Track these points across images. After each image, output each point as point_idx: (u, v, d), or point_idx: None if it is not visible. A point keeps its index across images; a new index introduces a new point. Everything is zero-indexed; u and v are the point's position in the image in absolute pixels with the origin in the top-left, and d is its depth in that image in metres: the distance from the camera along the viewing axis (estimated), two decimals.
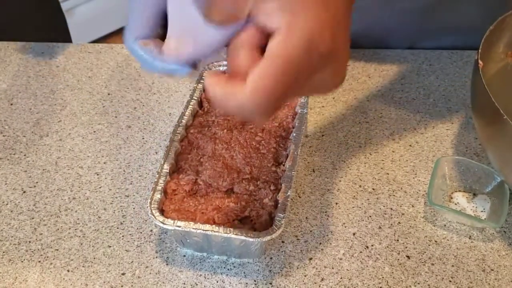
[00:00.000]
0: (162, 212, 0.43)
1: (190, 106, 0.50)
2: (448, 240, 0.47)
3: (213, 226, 0.41)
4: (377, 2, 0.62)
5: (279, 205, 0.43)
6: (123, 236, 0.48)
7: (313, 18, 0.28)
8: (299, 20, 0.28)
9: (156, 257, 0.46)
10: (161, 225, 0.41)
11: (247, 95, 0.29)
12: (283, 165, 0.47)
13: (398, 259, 0.46)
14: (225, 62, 0.55)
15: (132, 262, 0.46)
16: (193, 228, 0.41)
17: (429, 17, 0.63)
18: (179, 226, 0.41)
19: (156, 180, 0.44)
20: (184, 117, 0.49)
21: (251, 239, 0.40)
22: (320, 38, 0.29)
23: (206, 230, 0.41)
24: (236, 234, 0.40)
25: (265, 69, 0.28)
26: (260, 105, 0.29)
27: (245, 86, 0.29)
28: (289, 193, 0.43)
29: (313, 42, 0.28)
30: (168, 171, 0.45)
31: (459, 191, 0.50)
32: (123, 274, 0.45)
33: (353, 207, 0.50)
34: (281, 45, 0.28)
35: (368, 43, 0.66)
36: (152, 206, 0.42)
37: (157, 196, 0.43)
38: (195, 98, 0.51)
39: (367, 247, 0.47)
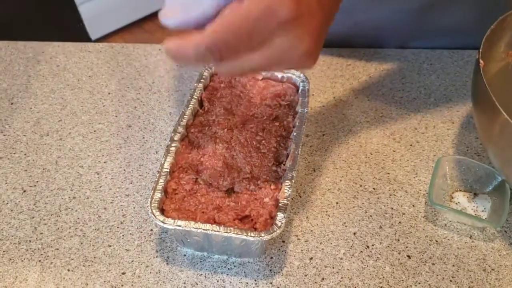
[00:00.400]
0: (162, 211, 0.43)
1: (190, 105, 0.50)
2: (449, 239, 0.47)
3: (214, 225, 0.41)
4: (372, 1, 0.62)
5: (279, 204, 0.43)
6: (123, 235, 0.48)
7: None
8: None
9: (157, 257, 0.46)
10: (162, 224, 0.41)
11: (204, 35, 0.33)
12: (284, 164, 0.47)
13: (399, 259, 0.46)
14: None
15: (132, 261, 0.46)
16: (194, 228, 0.41)
17: (423, 17, 0.63)
18: (180, 226, 0.41)
19: (156, 179, 0.44)
20: (185, 116, 0.49)
21: (251, 239, 0.40)
22: (280, 6, 0.32)
23: (206, 230, 0.41)
24: (236, 234, 0.40)
25: (224, 20, 0.33)
26: (214, 46, 0.33)
27: (204, 31, 0.33)
28: (289, 192, 0.43)
29: (272, 8, 0.32)
30: (168, 170, 0.45)
31: (460, 190, 0.50)
32: (123, 273, 0.45)
33: (353, 207, 0.50)
34: (244, 5, 0.32)
35: (362, 43, 0.66)
36: (153, 205, 0.42)
37: (158, 195, 0.43)
38: (196, 97, 0.51)
39: (368, 246, 0.47)
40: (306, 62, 0.35)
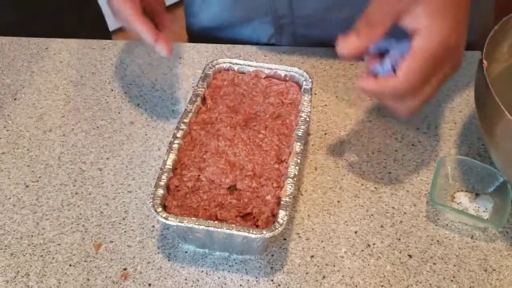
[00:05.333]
0: (164, 208, 0.43)
1: (193, 103, 0.50)
2: (450, 239, 0.47)
3: (216, 222, 0.41)
4: None
5: (281, 202, 0.43)
6: (125, 231, 0.48)
7: (445, 24, 0.39)
8: (436, 25, 0.39)
9: (158, 253, 0.46)
10: (164, 221, 0.41)
11: (400, 80, 0.40)
12: (286, 162, 0.47)
13: (400, 258, 0.46)
14: (227, 59, 0.55)
15: (134, 257, 0.46)
16: (196, 224, 0.41)
17: None
18: (182, 222, 0.41)
19: (159, 176, 0.44)
20: (187, 113, 0.49)
21: (253, 236, 0.40)
22: (449, 38, 0.40)
23: (208, 226, 0.41)
24: (238, 231, 0.41)
25: (411, 61, 0.40)
26: (410, 86, 0.40)
27: (397, 76, 0.40)
28: (291, 190, 0.43)
29: (445, 41, 0.39)
30: (171, 167, 0.45)
31: (462, 190, 0.50)
32: (124, 269, 0.45)
33: (355, 206, 0.50)
34: (423, 43, 0.39)
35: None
36: (155, 202, 0.42)
37: (160, 192, 0.43)
38: (198, 95, 0.51)
39: (369, 245, 0.47)
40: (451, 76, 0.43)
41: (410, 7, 0.39)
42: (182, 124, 0.48)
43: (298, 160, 0.46)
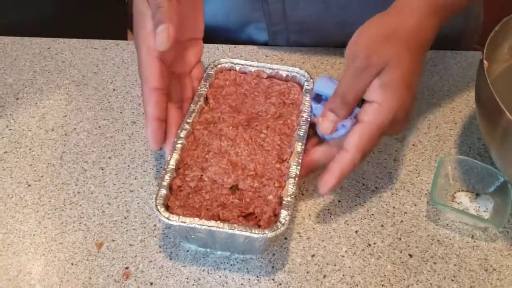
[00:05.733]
0: (167, 207, 0.43)
1: (196, 102, 0.51)
2: (450, 239, 0.47)
3: (218, 222, 0.41)
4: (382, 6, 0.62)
5: (283, 202, 0.43)
6: (127, 230, 0.48)
7: (395, 101, 0.43)
8: (388, 101, 0.43)
9: (160, 252, 0.46)
10: (166, 221, 0.41)
11: (352, 154, 0.43)
12: (287, 162, 0.47)
13: (401, 258, 0.46)
14: (229, 60, 0.55)
15: (135, 256, 0.46)
16: (198, 224, 0.41)
17: None
18: (184, 222, 0.41)
19: (162, 176, 0.45)
20: (191, 113, 0.50)
21: (255, 236, 0.41)
22: (398, 113, 0.43)
23: (211, 226, 0.41)
24: (240, 231, 0.41)
25: (362, 132, 0.43)
26: (362, 156, 0.43)
27: (347, 151, 0.43)
28: (293, 190, 0.44)
29: (395, 115, 0.43)
30: (174, 167, 0.45)
31: (462, 190, 0.50)
32: (126, 268, 0.45)
33: (355, 205, 0.50)
34: (375, 116, 0.43)
35: None
36: (158, 202, 0.43)
37: (163, 191, 0.43)
38: (201, 94, 0.52)
39: (370, 245, 0.47)
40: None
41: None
42: (185, 124, 0.49)
43: (300, 160, 0.46)
